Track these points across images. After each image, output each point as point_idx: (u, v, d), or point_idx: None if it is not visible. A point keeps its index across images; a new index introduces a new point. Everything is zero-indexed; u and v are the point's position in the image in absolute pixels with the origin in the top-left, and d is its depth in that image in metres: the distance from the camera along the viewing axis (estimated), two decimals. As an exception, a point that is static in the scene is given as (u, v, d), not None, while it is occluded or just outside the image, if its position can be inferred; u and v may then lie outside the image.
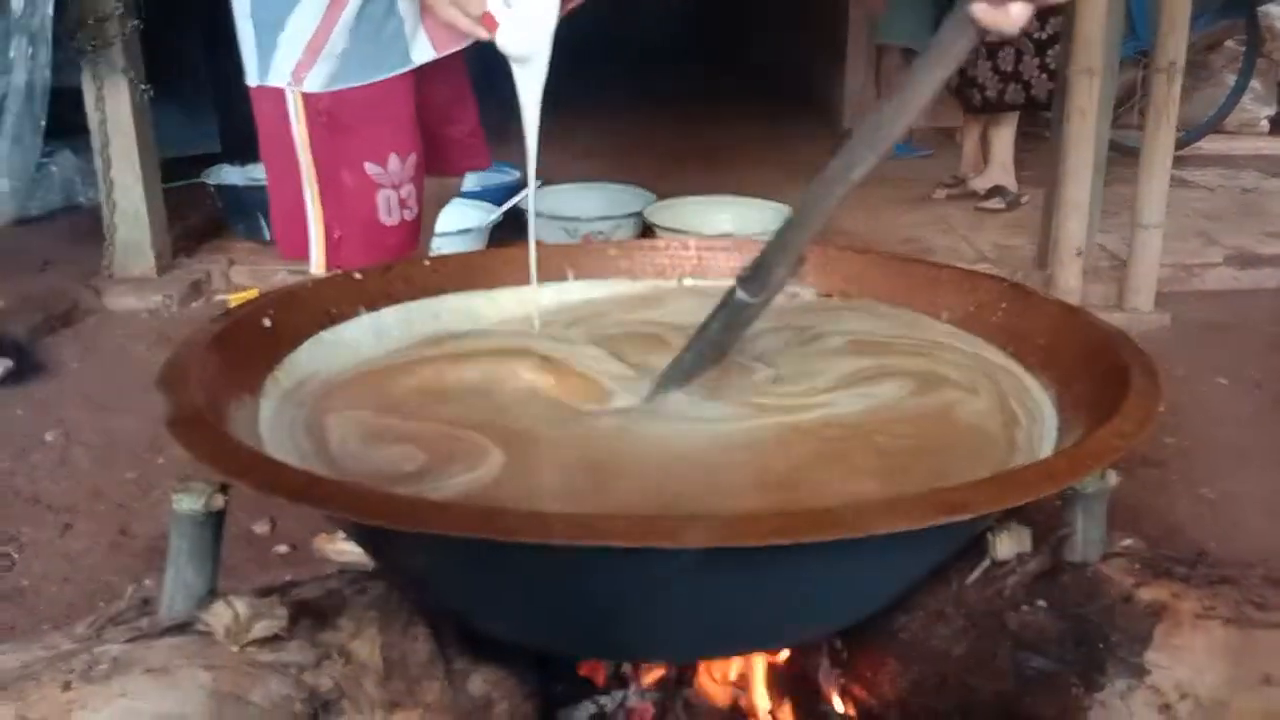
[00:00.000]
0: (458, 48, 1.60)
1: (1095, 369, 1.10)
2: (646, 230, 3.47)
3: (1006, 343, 1.26)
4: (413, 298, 1.37)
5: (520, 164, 3.56)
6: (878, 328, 1.35)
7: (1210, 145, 4.94)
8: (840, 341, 1.31)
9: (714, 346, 1.18)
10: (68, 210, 3.72)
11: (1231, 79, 5.01)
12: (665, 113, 5.40)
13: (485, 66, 1.66)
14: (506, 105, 1.47)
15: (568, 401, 1.17)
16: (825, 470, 1.04)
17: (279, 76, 1.57)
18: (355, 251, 1.63)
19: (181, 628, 0.98)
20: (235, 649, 0.95)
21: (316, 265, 1.65)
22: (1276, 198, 4.21)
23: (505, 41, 1.44)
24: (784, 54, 6.66)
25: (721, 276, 1.42)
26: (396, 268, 1.37)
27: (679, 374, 1.18)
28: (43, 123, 3.48)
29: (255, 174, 3.45)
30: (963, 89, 3.92)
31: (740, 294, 1.12)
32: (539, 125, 1.46)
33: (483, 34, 1.46)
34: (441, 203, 1.99)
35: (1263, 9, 4.97)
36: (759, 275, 1.11)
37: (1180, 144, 3.13)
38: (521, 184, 3.48)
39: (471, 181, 3.30)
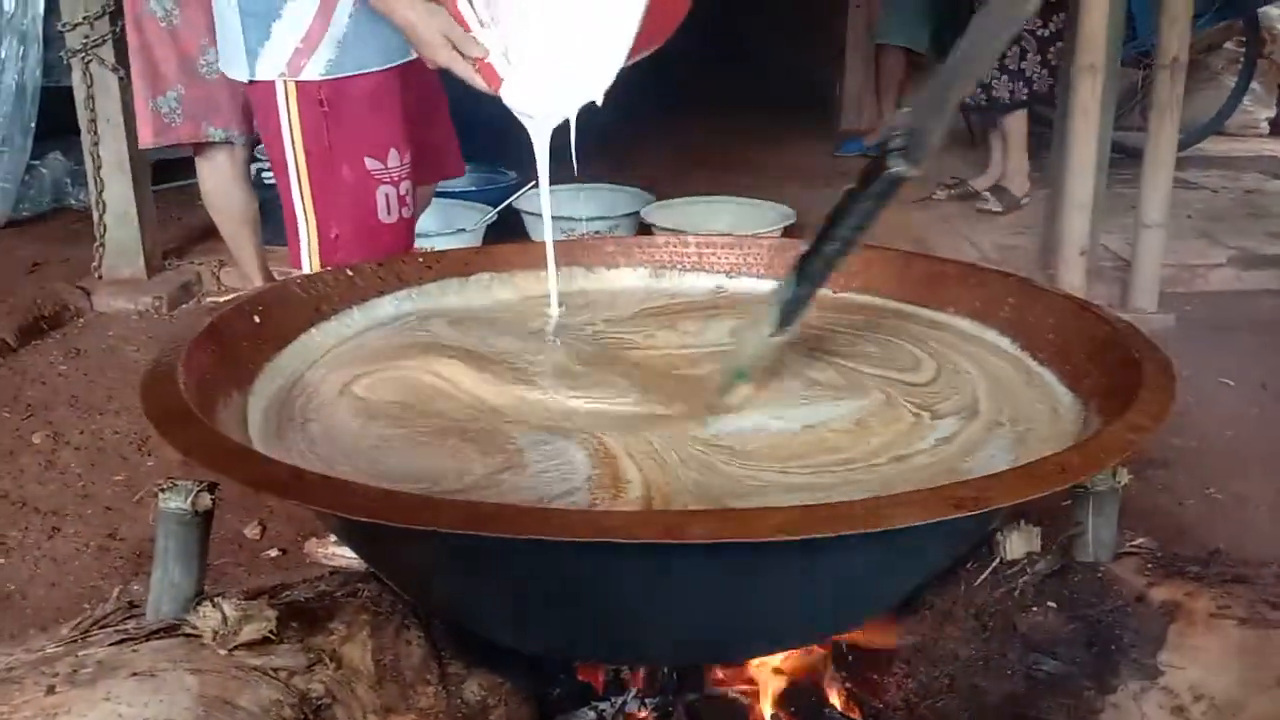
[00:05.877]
0: None
1: (1107, 363, 1.07)
2: (644, 231, 3.44)
3: (1015, 337, 1.24)
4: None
5: (514, 168, 3.60)
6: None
7: (1211, 147, 4.92)
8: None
9: (861, 230, 1.07)
10: (58, 212, 3.68)
11: (1231, 81, 5.00)
12: (663, 113, 5.37)
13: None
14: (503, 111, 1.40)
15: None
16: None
17: (270, 69, 1.54)
18: (352, 251, 1.59)
19: (168, 630, 0.95)
20: (223, 652, 0.92)
21: (310, 266, 1.62)
22: (1279, 199, 4.19)
23: (512, 98, 1.35)
24: (782, 54, 6.64)
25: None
26: (388, 263, 1.35)
27: (815, 272, 1.08)
28: (33, 124, 3.47)
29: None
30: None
31: (897, 167, 1.00)
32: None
33: (480, 84, 1.37)
34: (418, 212, 1.95)
35: (1262, 10, 4.96)
36: (916, 141, 1.00)
37: (1181, 145, 3.10)
38: (515, 185, 3.47)
39: (466, 182, 3.29)
